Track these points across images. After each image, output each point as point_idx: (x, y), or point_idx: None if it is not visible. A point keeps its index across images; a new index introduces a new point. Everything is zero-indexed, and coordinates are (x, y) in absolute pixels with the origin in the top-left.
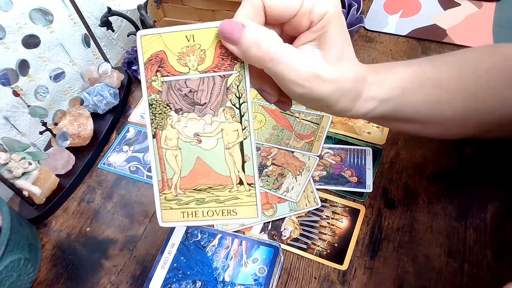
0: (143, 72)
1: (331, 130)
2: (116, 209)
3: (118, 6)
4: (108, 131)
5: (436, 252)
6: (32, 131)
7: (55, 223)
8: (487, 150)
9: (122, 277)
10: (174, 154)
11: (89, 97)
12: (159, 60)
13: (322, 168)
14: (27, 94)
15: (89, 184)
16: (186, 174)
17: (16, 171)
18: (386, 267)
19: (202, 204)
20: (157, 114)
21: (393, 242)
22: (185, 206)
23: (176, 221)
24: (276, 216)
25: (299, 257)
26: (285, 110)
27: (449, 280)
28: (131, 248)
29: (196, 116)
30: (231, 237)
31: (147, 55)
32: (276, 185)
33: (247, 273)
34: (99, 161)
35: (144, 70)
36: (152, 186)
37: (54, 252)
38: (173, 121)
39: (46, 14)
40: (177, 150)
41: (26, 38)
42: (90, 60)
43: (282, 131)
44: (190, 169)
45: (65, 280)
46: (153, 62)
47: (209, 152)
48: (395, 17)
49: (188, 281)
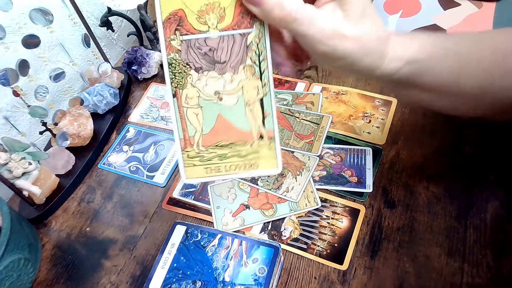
0: (161, 30)
1: (331, 130)
2: (116, 209)
3: (118, 6)
4: (108, 131)
5: (436, 252)
6: (32, 131)
7: (55, 223)
8: (487, 150)
9: (122, 277)
10: (195, 113)
11: (89, 97)
12: (178, 19)
13: (322, 168)
14: (27, 94)
15: (89, 184)
16: (207, 132)
17: (16, 171)
18: (386, 267)
19: (225, 160)
20: (177, 73)
21: (393, 242)
22: (207, 162)
23: (200, 177)
24: (276, 216)
25: (299, 257)
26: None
27: (449, 280)
28: (131, 248)
29: (216, 74)
30: (231, 237)
31: (165, 14)
32: (276, 185)
33: (247, 273)
34: (99, 161)
35: (162, 28)
36: (152, 186)
37: (54, 252)
38: (193, 79)
39: (46, 14)
40: (198, 108)
41: (26, 38)
42: (90, 60)
43: (282, 131)
44: (212, 127)
45: (65, 280)
46: (172, 21)
47: (230, 109)
48: (395, 17)
49: (188, 281)
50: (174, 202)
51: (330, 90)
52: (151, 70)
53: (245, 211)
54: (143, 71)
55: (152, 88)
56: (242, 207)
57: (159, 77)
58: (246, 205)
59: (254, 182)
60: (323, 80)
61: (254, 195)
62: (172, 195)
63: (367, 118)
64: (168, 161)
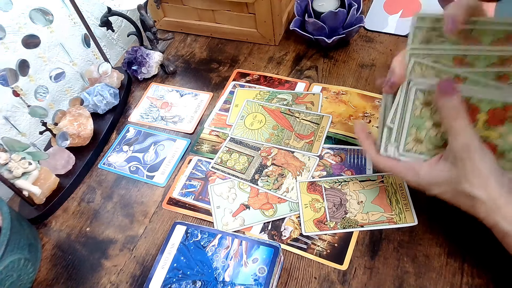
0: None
1: (331, 130)
2: (116, 209)
3: (118, 6)
4: (108, 131)
5: (436, 252)
6: (32, 131)
7: (55, 223)
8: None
9: (122, 277)
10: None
11: (89, 97)
12: None
13: (322, 168)
14: (27, 94)
15: (89, 184)
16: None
17: (16, 171)
18: (386, 267)
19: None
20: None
21: (393, 242)
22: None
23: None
24: (276, 216)
25: (299, 257)
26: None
27: (449, 280)
28: (131, 248)
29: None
30: (231, 237)
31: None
32: (276, 185)
33: (247, 273)
34: (99, 161)
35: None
36: (152, 186)
37: (54, 252)
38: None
39: (46, 14)
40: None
41: (26, 38)
42: (90, 60)
43: (282, 131)
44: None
45: (65, 280)
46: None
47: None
48: (395, 17)
49: (188, 281)
50: (174, 202)
51: (330, 90)
52: (151, 70)
53: (245, 211)
54: (143, 71)
55: (152, 88)
56: (242, 207)
57: (159, 77)
58: (246, 205)
59: (254, 182)
60: (323, 80)
61: (254, 195)
62: (172, 195)
63: (367, 118)
64: (168, 161)
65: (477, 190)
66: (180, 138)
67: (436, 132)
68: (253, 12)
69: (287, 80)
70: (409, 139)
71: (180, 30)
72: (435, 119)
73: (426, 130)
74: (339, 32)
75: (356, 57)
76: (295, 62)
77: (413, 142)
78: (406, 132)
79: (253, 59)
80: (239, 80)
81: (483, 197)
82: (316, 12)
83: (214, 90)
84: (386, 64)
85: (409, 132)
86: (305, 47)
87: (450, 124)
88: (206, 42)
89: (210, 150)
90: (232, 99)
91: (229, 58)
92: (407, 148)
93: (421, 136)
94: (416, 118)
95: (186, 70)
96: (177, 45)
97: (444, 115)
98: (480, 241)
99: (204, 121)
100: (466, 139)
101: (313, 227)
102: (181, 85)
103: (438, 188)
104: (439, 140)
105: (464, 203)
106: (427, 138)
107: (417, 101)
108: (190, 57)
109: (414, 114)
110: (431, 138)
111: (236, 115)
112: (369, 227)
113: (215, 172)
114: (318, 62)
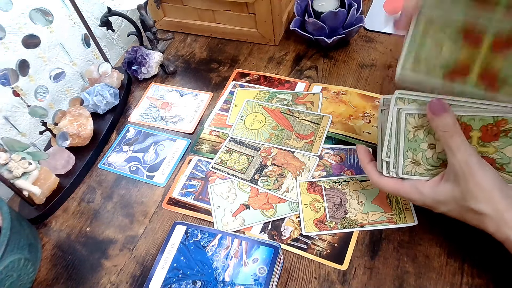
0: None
1: (331, 130)
2: (116, 209)
3: (118, 6)
4: (108, 131)
5: (436, 252)
6: (32, 131)
7: (55, 223)
8: None
9: (122, 277)
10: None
11: (89, 97)
12: None
13: (322, 168)
14: (27, 94)
15: (89, 184)
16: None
17: (16, 171)
18: (386, 267)
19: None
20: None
21: (393, 242)
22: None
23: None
24: (276, 216)
25: (299, 257)
26: None
27: (449, 280)
28: (131, 248)
29: None
30: (231, 237)
31: None
32: (276, 185)
33: (247, 273)
34: (99, 161)
35: None
36: (152, 186)
37: (54, 252)
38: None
39: (46, 14)
40: None
41: (26, 38)
42: (90, 60)
43: (282, 131)
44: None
45: (65, 280)
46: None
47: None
48: (395, 17)
49: (188, 281)
50: (174, 202)
51: (330, 90)
52: (151, 70)
53: (245, 211)
54: (143, 71)
55: (152, 88)
56: (242, 207)
57: (159, 77)
58: (246, 205)
59: (254, 182)
60: (323, 80)
61: (254, 195)
62: (172, 195)
63: (367, 118)
64: (168, 161)
65: (483, 205)
66: (180, 138)
67: (432, 153)
68: (253, 12)
69: (287, 80)
70: (406, 162)
71: (180, 30)
72: (429, 140)
73: (422, 152)
74: (339, 32)
75: (356, 57)
76: (295, 62)
77: (411, 164)
78: (402, 157)
79: (253, 59)
80: (239, 80)
81: (489, 211)
82: (316, 12)
83: (214, 90)
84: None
85: (405, 156)
86: (305, 47)
87: (446, 143)
88: (206, 42)
89: (210, 150)
90: (232, 99)
91: (229, 58)
92: (405, 171)
93: (417, 158)
94: (410, 142)
95: (186, 70)
96: (177, 45)
97: (440, 134)
98: (480, 241)
99: (204, 121)
100: (465, 155)
101: (313, 227)
102: (181, 85)
103: (444, 206)
104: (436, 161)
105: (472, 219)
106: (424, 160)
107: (409, 126)
108: (190, 57)
109: (408, 138)
110: (428, 160)
111: (236, 115)
112: (369, 227)
113: (215, 172)
114: (318, 62)
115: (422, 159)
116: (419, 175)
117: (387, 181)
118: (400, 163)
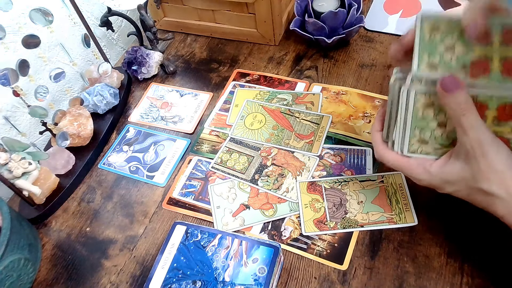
0: None
1: (331, 130)
2: (116, 209)
3: (118, 6)
4: (108, 131)
5: (436, 252)
6: (32, 131)
7: (55, 223)
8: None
9: (122, 277)
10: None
11: (89, 97)
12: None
13: (322, 168)
14: (27, 94)
15: (89, 184)
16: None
17: (16, 171)
18: (386, 267)
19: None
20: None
21: (393, 242)
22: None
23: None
24: (276, 216)
25: (299, 257)
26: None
27: (449, 280)
28: (131, 248)
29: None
30: (231, 237)
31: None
32: (276, 185)
33: (247, 273)
34: (99, 161)
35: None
36: (152, 186)
37: (54, 252)
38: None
39: (46, 14)
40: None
41: (26, 38)
42: (90, 60)
43: (282, 131)
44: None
45: (65, 280)
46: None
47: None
48: (395, 17)
49: (188, 281)
50: (174, 202)
51: (330, 90)
52: (151, 70)
53: (245, 211)
54: (143, 71)
55: (152, 88)
56: (242, 207)
57: (159, 77)
58: (246, 205)
59: (254, 182)
60: (323, 80)
61: (254, 195)
62: (172, 195)
63: (367, 118)
64: (168, 161)
65: (495, 186)
66: (180, 138)
67: (442, 132)
68: (253, 12)
69: (287, 80)
70: (413, 141)
71: (180, 30)
72: (439, 119)
73: (431, 131)
74: (339, 32)
75: (356, 57)
76: (295, 62)
77: (418, 143)
78: (409, 134)
79: (253, 59)
80: (239, 80)
81: (501, 193)
82: (316, 12)
83: (214, 90)
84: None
85: (412, 134)
86: (305, 47)
87: (458, 121)
88: (206, 42)
89: (210, 150)
90: (232, 99)
91: (229, 58)
92: (411, 149)
93: (425, 137)
94: (418, 120)
95: (186, 70)
96: (177, 45)
97: (451, 112)
98: (480, 242)
99: (204, 121)
100: (478, 134)
101: (313, 227)
102: (181, 85)
103: (451, 186)
104: (446, 139)
105: (481, 201)
106: (433, 139)
107: (418, 104)
108: (190, 57)
109: (416, 116)
110: (437, 138)
111: (236, 115)
112: (369, 227)
113: (215, 172)
114: (318, 62)
115: (431, 137)
116: (425, 154)
117: (392, 155)
118: (406, 141)
